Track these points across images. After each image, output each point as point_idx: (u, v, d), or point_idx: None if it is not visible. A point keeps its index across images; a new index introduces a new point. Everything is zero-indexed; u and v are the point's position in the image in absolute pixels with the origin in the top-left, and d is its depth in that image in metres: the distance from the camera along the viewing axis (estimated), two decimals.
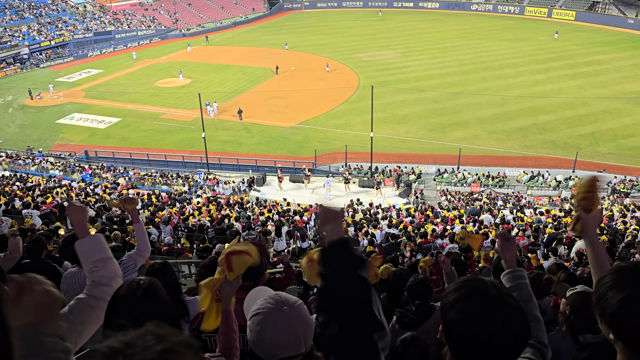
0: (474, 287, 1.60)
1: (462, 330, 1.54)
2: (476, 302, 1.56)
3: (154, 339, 1.10)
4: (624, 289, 1.57)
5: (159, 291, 2.17)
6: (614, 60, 52.79)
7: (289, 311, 1.96)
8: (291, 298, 2.03)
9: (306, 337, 1.96)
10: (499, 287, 1.61)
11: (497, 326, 1.51)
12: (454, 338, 1.58)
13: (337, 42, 65.19)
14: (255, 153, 35.39)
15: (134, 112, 43.95)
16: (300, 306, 2.02)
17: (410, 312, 4.15)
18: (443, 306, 1.62)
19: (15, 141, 39.40)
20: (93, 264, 2.43)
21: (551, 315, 4.99)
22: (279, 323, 1.93)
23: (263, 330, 1.94)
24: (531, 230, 16.06)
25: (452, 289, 1.63)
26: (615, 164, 31.65)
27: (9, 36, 62.57)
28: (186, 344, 1.14)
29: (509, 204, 25.76)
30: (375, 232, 15.70)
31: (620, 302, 1.56)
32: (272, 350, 1.94)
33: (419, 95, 44.30)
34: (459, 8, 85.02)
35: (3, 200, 15.97)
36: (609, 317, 1.59)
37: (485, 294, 1.57)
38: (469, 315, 1.54)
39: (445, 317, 1.59)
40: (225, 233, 14.50)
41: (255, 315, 1.99)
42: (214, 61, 59.48)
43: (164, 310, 2.13)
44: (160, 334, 1.12)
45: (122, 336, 1.11)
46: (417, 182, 30.92)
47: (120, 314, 2.10)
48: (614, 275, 1.64)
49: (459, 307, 1.56)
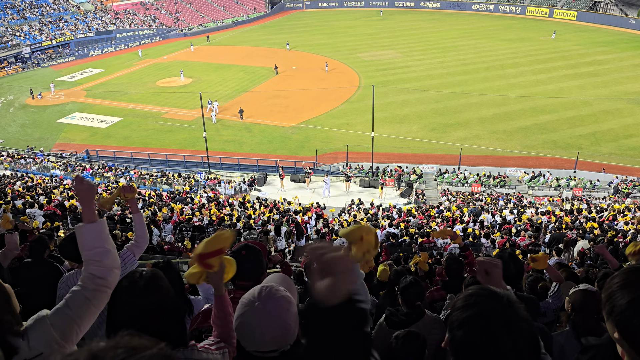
0: (485, 307, 1.53)
1: (469, 349, 1.50)
2: (485, 323, 1.49)
3: (124, 352, 1.04)
4: (634, 290, 1.60)
5: (161, 280, 2.16)
6: (615, 61, 52.73)
7: (260, 307, 1.93)
8: (274, 293, 1.99)
9: (276, 337, 1.93)
10: (512, 305, 1.54)
11: (506, 349, 1.46)
12: (459, 355, 1.54)
13: (338, 42, 65.18)
14: (257, 153, 35.39)
15: (135, 111, 43.98)
16: (277, 303, 1.96)
17: (400, 313, 4.15)
18: (451, 322, 1.57)
19: (17, 140, 39.43)
20: (90, 255, 2.28)
21: (551, 317, 4.99)
22: (247, 317, 1.93)
23: (238, 320, 1.96)
24: (532, 230, 16.05)
25: (461, 305, 1.57)
26: (616, 164, 31.62)
27: (11, 35, 62.63)
28: (160, 357, 1.08)
29: (510, 204, 25.75)
30: (377, 232, 15.69)
31: (629, 303, 1.58)
32: (244, 341, 1.96)
33: (420, 95, 44.29)
34: (460, 8, 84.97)
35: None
36: (617, 317, 1.61)
37: (495, 316, 1.50)
38: (478, 337, 1.49)
39: (452, 334, 1.55)
40: None
41: (239, 306, 1.99)
42: (215, 61, 59.51)
43: (166, 301, 2.11)
44: (132, 346, 1.06)
45: (94, 347, 1.06)
46: (418, 182, 30.91)
47: (123, 305, 2.09)
48: (625, 276, 1.65)
49: (467, 328, 1.51)
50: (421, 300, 4.24)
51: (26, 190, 20.45)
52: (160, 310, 2.06)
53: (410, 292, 4.21)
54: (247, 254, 2.97)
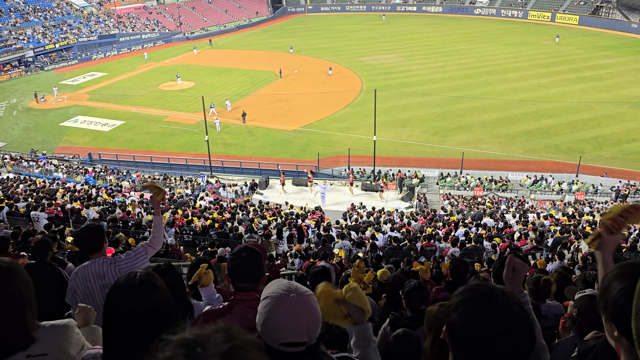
0: (480, 291, 1.60)
1: (463, 332, 1.54)
2: (479, 307, 1.55)
3: (223, 335, 1.16)
4: (626, 279, 1.60)
5: (157, 280, 2.17)
6: (617, 65, 52.72)
7: (296, 298, 1.98)
8: (302, 287, 2.06)
9: (310, 327, 1.98)
10: (506, 294, 1.60)
11: (498, 333, 1.50)
12: (454, 339, 1.58)
13: (341, 46, 65.34)
14: (259, 156, 35.45)
15: (138, 114, 44.11)
16: (309, 296, 2.04)
17: (404, 317, 4.14)
18: (448, 307, 1.62)
19: (20, 143, 39.58)
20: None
21: (552, 321, 4.98)
22: (284, 308, 1.96)
23: (269, 314, 1.97)
24: (535, 234, 16.02)
25: (460, 291, 1.63)
26: (618, 169, 31.58)
27: (14, 39, 62.94)
28: (254, 344, 1.19)
29: (512, 208, 25.71)
30: (378, 236, 15.70)
31: (622, 291, 1.58)
32: (274, 333, 1.97)
33: (422, 99, 44.32)
34: (462, 12, 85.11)
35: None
36: (612, 309, 1.61)
37: (490, 300, 1.56)
38: (471, 318, 1.53)
39: (448, 318, 1.60)
40: (229, 236, 14.53)
41: (265, 299, 2.03)
42: (218, 64, 59.68)
43: (162, 301, 2.12)
44: (230, 332, 1.18)
45: (197, 330, 1.18)
46: (420, 186, 30.90)
47: (119, 304, 2.09)
48: (617, 270, 1.67)
49: (462, 309, 1.56)
50: (425, 304, 4.23)
51: (29, 193, 20.50)
52: (156, 310, 2.07)
53: (414, 296, 4.20)
54: (247, 256, 2.98)
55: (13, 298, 2.03)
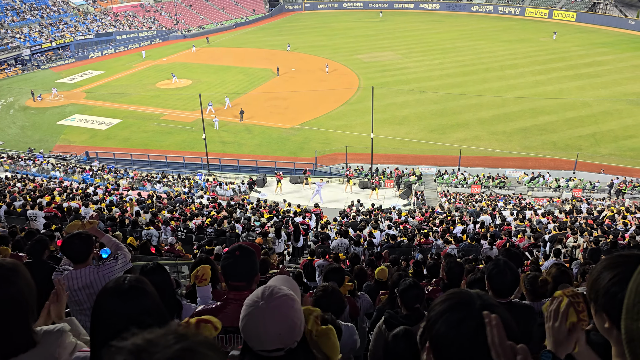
0: (460, 298, 1.58)
1: (448, 340, 1.51)
2: (462, 313, 1.53)
3: (174, 337, 1.14)
4: (616, 268, 1.59)
5: (146, 285, 2.17)
6: (614, 61, 52.79)
7: (264, 305, 1.95)
8: (278, 292, 2.01)
9: (281, 335, 1.94)
10: (484, 298, 1.59)
11: (482, 337, 1.48)
12: (440, 349, 1.55)
13: (338, 43, 65.26)
14: (256, 154, 35.42)
15: (135, 113, 44.02)
16: (282, 302, 1.98)
17: (399, 315, 4.14)
18: (429, 319, 1.59)
19: (17, 142, 39.47)
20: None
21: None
22: (253, 316, 1.95)
23: (243, 322, 1.98)
24: (531, 231, 16.07)
25: (439, 301, 1.60)
26: (616, 165, 31.65)
27: (11, 37, 62.69)
28: (207, 344, 1.17)
29: (510, 205, 25.76)
30: (375, 233, 15.72)
31: (612, 280, 1.57)
32: (251, 341, 1.99)
33: (419, 96, 44.33)
34: (459, 9, 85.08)
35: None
36: (602, 298, 1.58)
37: (471, 305, 1.54)
38: (455, 325, 1.51)
39: (432, 329, 1.56)
40: (225, 234, 14.53)
41: (243, 308, 2.02)
42: (215, 62, 59.57)
43: (151, 305, 2.12)
44: (181, 333, 1.17)
45: (147, 334, 1.16)
46: (418, 183, 30.92)
47: (107, 309, 2.08)
48: (605, 261, 1.65)
49: (445, 318, 1.54)
50: (420, 302, 4.22)
51: (26, 192, 20.46)
52: (145, 315, 2.06)
53: (409, 295, 4.18)
54: (240, 255, 2.99)
55: (16, 299, 2.01)
